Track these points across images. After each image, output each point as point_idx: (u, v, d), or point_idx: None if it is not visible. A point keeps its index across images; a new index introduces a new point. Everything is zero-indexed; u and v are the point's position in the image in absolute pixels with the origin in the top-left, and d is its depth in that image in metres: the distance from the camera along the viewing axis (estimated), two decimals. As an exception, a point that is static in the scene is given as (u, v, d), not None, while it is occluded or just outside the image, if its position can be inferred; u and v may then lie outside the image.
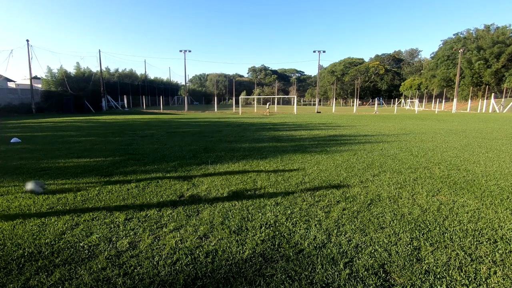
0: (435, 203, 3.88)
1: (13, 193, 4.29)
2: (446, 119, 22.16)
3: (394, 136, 11.01)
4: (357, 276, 2.31)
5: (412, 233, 3.03)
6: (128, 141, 9.67)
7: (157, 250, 2.71)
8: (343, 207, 3.73)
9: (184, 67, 44.62)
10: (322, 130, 13.48)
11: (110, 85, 41.88)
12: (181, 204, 3.86)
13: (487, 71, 46.62)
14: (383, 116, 26.39)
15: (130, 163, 6.27)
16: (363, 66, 79.92)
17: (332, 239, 2.90)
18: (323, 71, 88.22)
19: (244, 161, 6.47)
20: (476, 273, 2.35)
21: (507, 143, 9.24)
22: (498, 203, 3.91)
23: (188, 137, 10.73)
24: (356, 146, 8.68)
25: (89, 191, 4.39)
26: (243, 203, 3.90)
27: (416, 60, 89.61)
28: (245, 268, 2.43)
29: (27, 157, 7.00)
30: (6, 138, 10.18)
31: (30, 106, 29.61)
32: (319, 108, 47.29)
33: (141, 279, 2.28)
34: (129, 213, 3.54)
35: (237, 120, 20.58)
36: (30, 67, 30.11)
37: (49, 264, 2.48)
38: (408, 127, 14.78)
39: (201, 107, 53.23)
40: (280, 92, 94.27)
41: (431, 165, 6.15)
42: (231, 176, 5.25)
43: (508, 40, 46.98)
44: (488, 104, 39.10)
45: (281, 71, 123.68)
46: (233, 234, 3.02)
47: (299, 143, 9.23)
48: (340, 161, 6.51)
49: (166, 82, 67.23)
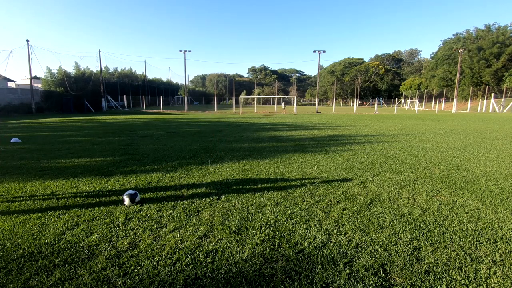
0: (435, 203, 3.88)
1: (13, 193, 4.30)
2: (446, 119, 22.16)
3: (394, 136, 11.01)
4: (357, 276, 2.31)
5: (412, 233, 3.03)
6: (128, 141, 9.67)
7: (157, 250, 2.71)
8: (343, 207, 3.73)
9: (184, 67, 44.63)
10: (322, 130, 13.47)
11: (110, 85, 41.90)
12: (181, 204, 3.86)
13: (486, 71, 46.63)
14: (383, 116, 26.40)
15: (130, 163, 6.27)
16: (363, 66, 79.92)
17: (332, 239, 2.90)
18: (323, 71, 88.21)
19: (244, 161, 6.47)
20: (476, 273, 2.35)
21: (507, 143, 9.24)
22: (498, 203, 3.91)
23: (188, 137, 10.73)
24: (356, 146, 8.68)
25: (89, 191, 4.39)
26: (243, 203, 3.90)
27: (416, 60, 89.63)
28: (245, 268, 2.43)
29: (27, 157, 7.00)
30: (6, 138, 10.18)
31: (30, 106, 29.60)
32: (319, 108, 47.29)
33: (141, 279, 2.28)
34: (129, 213, 3.54)
35: (237, 120, 20.57)
36: (30, 67, 30.13)
37: (49, 264, 2.48)
38: (408, 127, 14.78)
39: (201, 107, 53.23)
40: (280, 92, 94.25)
41: (431, 165, 6.15)
42: (231, 176, 5.25)
43: (508, 40, 47.00)
44: (488, 104, 39.11)
45: (281, 71, 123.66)
46: (233, 234, 3.02)
47: (299, 143, 9.23)
48: (340, 161, 6.51)
49: (166, 82, 67.27)
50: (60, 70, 33.28)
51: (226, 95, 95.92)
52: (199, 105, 67.91)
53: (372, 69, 78.05)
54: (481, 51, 47.75)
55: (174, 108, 48.83)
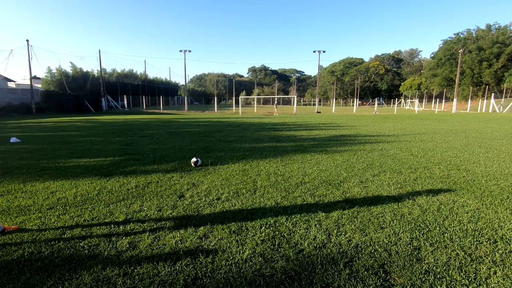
0: (435, 203, 3.88)
1: (13, 193, 4.29)
2: (446, 119, 22.16)
3: (394, 136, 11.01)
4: (357, 276, 2.31)
5: (412, 233, 3.03)
6: (128, 141, 9.67)
7: (157, 250, 2.71)
8: (343, 207, 3.73)
9: (184, 67, 44.63)
10: (322, 130, 13.47)
11: (110, 85, 41.87)
12: (181, 204, 3.86)
13: (486, 71, 46.63)
14: (383, 116, 26.39)
15: (130, 163, 6.27)
16: (363, 66, 79.93)
17: (332, 239, 2.90)
18: (323, 71, 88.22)
19: (244, 161, 6.46)
20: (476, 273, 2.35)
21: (507, 143, 9.24)
22: (498, 203, 3.91)
23: (188, 137, 10.73)
24: (356, 146, 8.68)
25: (89, 191, 4.39)
26: (243, 203, 3.90)
27: (416, 60, 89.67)
28: (245, 268, 2.43)
29: (27, 157, 7.00)
30: (6, 138, 10.18)
31: (30, 106, 29.60)
32: (319, 108, 47.28)
33: (141, 279, 2.28)
34: (129, 213, 3.54)
35: (237, 120, 20.57)
36: (30, 67, 30.13)
37: (49, 264, 2.48)
38: (408, 127, 14.78)
39: (201, 107, 53.22)
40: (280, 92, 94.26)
41: (431, 165, 6.15)
42: (231, 176, 5.25)
43: (508, 40, 47.00)
44: (488, 104, 39.11)
45: (281, 71, 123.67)
46: (233, 234, 3.02)
47: (299, 143, 9.23)
48: (340, 161, 6.51)
49: (166, 82, 67.20)
50: (59, 70, 33.27)
51: (226, 95, 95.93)
52: (199, 105, 67.90)
53: (372, 69, 78.06)
54: (481, 51, 47.74)
55: (174, 108, 48.82)
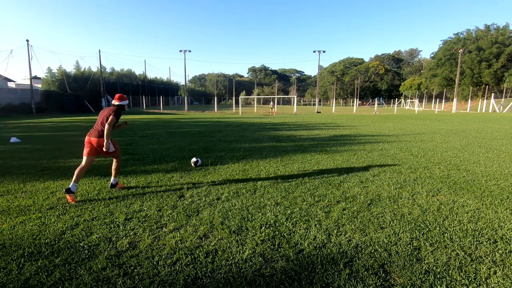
0: (435, 203, 3.88)
1: (13, 193, 4.29)
2: (446, 119, 22.16)
3: (394, 136, 11.01)
4: (357, 276, 2.31)
5: (412, 233, 3.03)
6: (128, 141, 9.67)
7: (157, 250, 2.70)
8: (343, 207, 3.73)
9: (184, 67, 44.63)
10: (322, 130, 13.47)
11: (110, 85, 41.90)
12: (181, 204, 3.86)
13: (486, 71, 46.64)
14: (383, 116, 26.39)
15: (130, 163, 6.27)
16: (363, 66, 79.95)
17: (332, 239, 2.90)
18: (323, 71, 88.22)
19: (244, 161, 6.46)
20: (476, 273, 2.35)
21: (507, 143, 9.24)
22: (498, 203, 3.91)
23: (188, 137, 10.73)
24: (356, 146, 8.68)
25: (89, 191, 4.39)
26: (243, 203, 3.90)
27: (416, 60, 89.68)
28: (245, 268, 2.43)
29: (27, 157, 7.00)
30: (6, 138, 10.18)
31: (30, 106, 29.60)
32: (319, 108, 47.28)
33: (141, 279, 2.28)
34: (129, 213, 3.54)
35: (237, 120, 20.57)
36: (30, 67, 30.14)
37: (49, 264, 2.48)
38: (408, 127, 14.78)
39: (201, 107, 53.22)
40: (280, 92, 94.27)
41: (431, 165, 6.15)
42: (231, 176, 5.25)
43: (507, 40, 47.01)
44: (488, 104, 39.11)
45: (281, 71, 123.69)
46: (233, 234, 3.02)
47: (299, 143, 9.23)
48: (340, 161, 6.51)
49: (166, 82, 67.23)
50: (59, 70, 33.28)
51: (226, 95, 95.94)
52: (199, 105, 67.90)
53: (372, 69, 78.06)
54: (481, 51, 47.75)
55: (174, 108, 48.82)
